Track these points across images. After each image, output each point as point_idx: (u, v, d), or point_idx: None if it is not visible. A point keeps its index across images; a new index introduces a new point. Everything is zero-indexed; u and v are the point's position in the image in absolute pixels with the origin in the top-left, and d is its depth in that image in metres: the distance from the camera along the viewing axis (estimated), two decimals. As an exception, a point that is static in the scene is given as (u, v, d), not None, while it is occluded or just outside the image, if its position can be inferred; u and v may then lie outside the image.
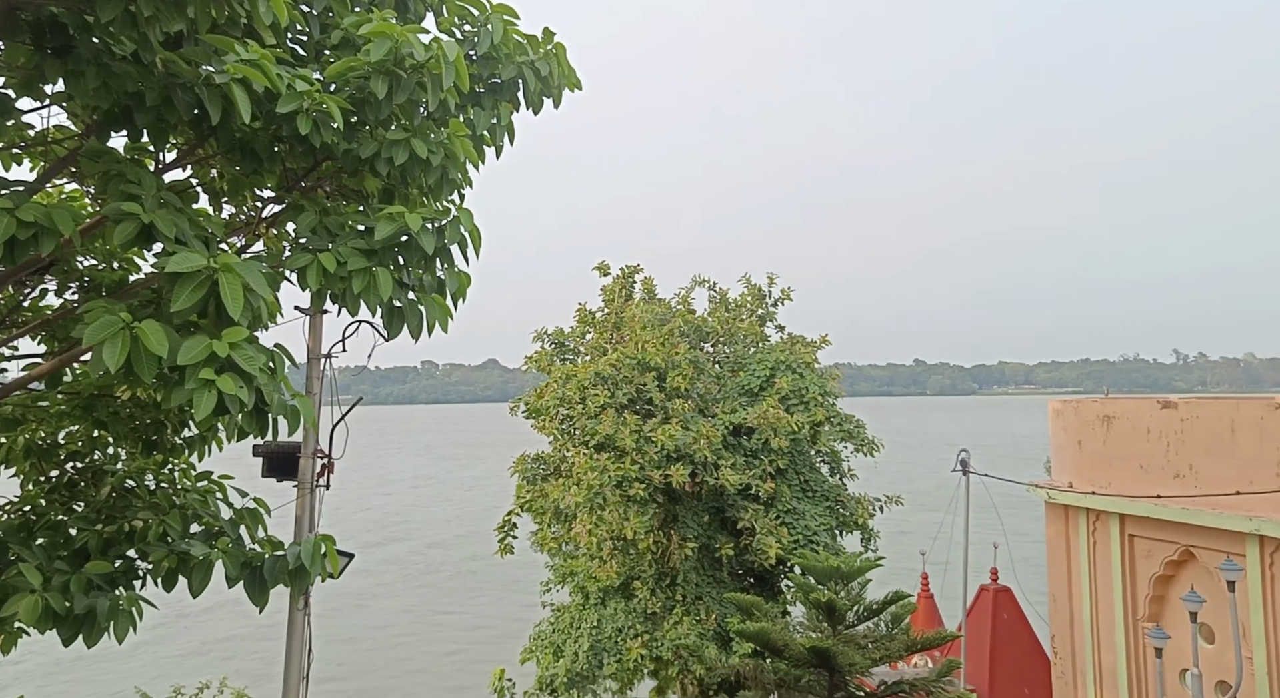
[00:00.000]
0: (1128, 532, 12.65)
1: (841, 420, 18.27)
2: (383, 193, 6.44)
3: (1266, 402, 11.03)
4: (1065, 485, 13.80)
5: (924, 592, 17.22)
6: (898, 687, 9.38)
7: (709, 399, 17.64)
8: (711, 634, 15.35)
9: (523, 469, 16.95)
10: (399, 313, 5.87)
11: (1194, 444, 11.64)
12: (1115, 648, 12.73)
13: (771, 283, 19.67)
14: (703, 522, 16.54)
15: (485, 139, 6.56)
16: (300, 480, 6.84)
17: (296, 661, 6.66)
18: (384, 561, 54.08)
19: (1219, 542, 11.09)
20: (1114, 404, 13.22)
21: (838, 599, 9.48)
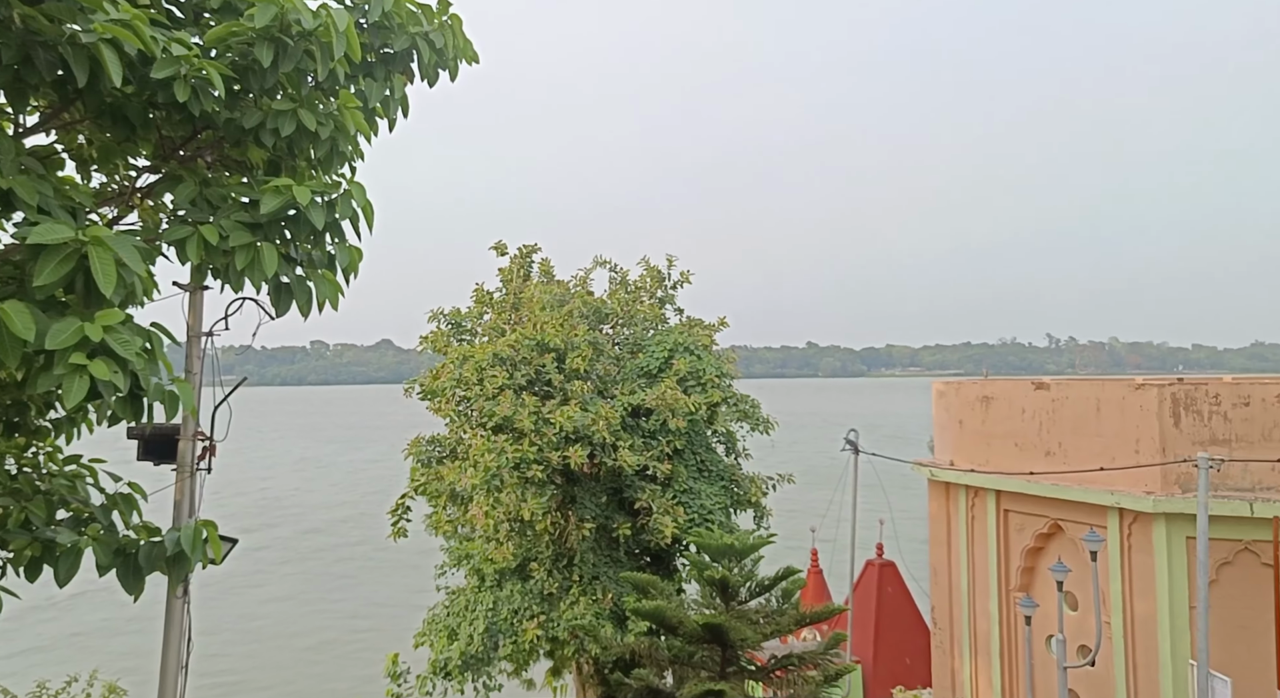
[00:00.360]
0: (1003, 507, 13.36)
1: (738, 401, 18.63)
2: (268, 164, 6.16)
3: (1127, 383, 11.79)
4: (947, 464, 14.45)
5: (813, 567, 17.80)
6: (787, 660, 9.69)
7: (608, 381, 17.69)
8: (608, 614, 15.48)
9: (417, 452, 16.64)
10: (286, 290, 5.65)
11: (1063, 423, 12.36)
12: (990, 617, 13.46)
13: (671, 266, 19.82)
14: (600, 502, 16.63)
15: (378, 111, 6.35)
16: (179, 464, 6.52)
17: (175, 650, 6.38)
18: (267, 546, 52.30)
19: (1084, 515, 11.84)
20: (992, 386, 13.90)
21: (731, 576, 9.70)
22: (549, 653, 16.51)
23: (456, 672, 15.63)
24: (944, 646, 14.53)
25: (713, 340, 19.02)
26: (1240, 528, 10.49)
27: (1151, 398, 11.17)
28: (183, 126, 5.75)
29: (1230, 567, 10.69)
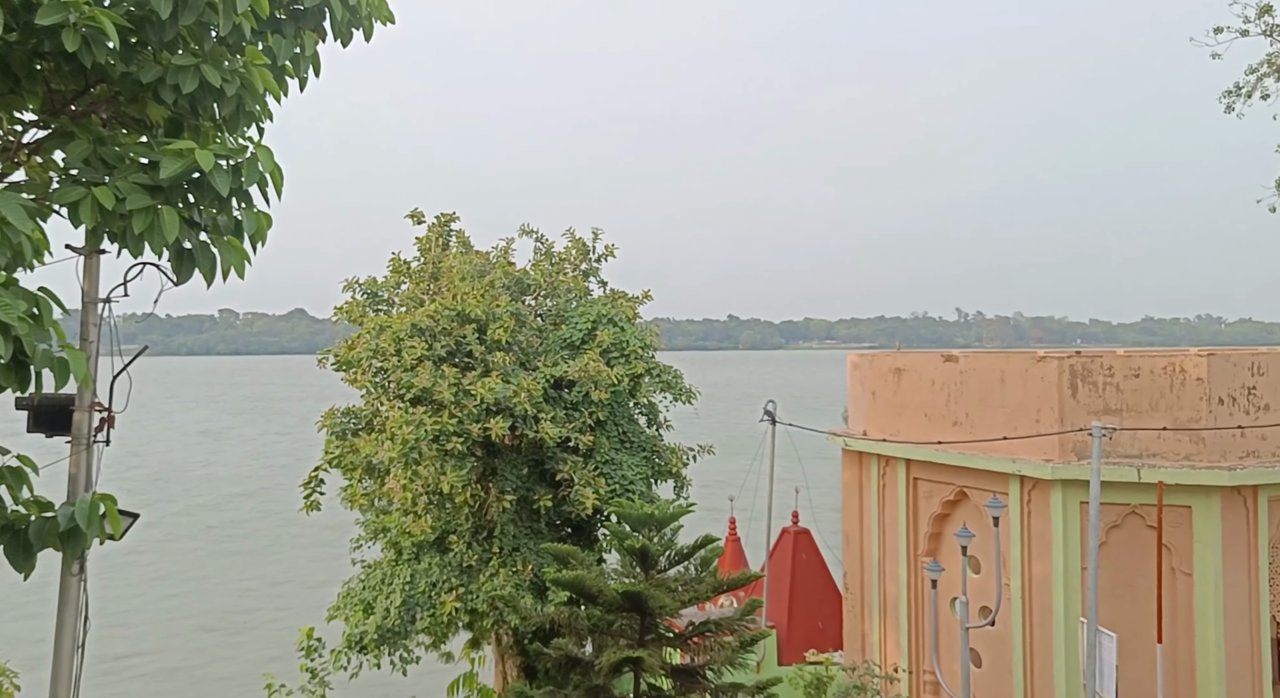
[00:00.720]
0: (913, 475, 13.84)
1: (660, 372, 18.75)
2: (169, 123, 5.86)
3: (1030, 356, 12.30)
4: (860, 434, 14.87)
5: (731, 536, 18.14)
6: (704, 626, 9.87)
7: (530, 352, 17.57)
8: (528, 585, 15.49)
9: (332, 424, 16.24)
10: (188, 256, 5.41)
11: (970, 394, 12.83)
12: (898, 581, 13.97)
13: (596, 238, 19.72)
14: (522, 474, 16.56)
15: (287, 69, 6.10)
16: (75, 436, 6.22)
17: (70, 630, 6.12)
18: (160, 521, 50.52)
19: (988, 482, 12.36)
20: (904, 358, 14.32)
21: (651, 546, 9.80)
22: (468, 625, 16.46)
23: (373, 645, 15.44)
24: (855, 609, 15.03)
25: (636, 313, 19.05)
26: (1128, 493, 11.10)
27: (1052, 370, 11.68)
28: (74, 80, 5.42)
29: (1119, 529, 11.33)
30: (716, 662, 9.75)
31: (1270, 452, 11.25)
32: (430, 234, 18.60)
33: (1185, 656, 10.99)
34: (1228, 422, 11.07)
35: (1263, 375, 11.30)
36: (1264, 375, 11.30)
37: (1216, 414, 11.05)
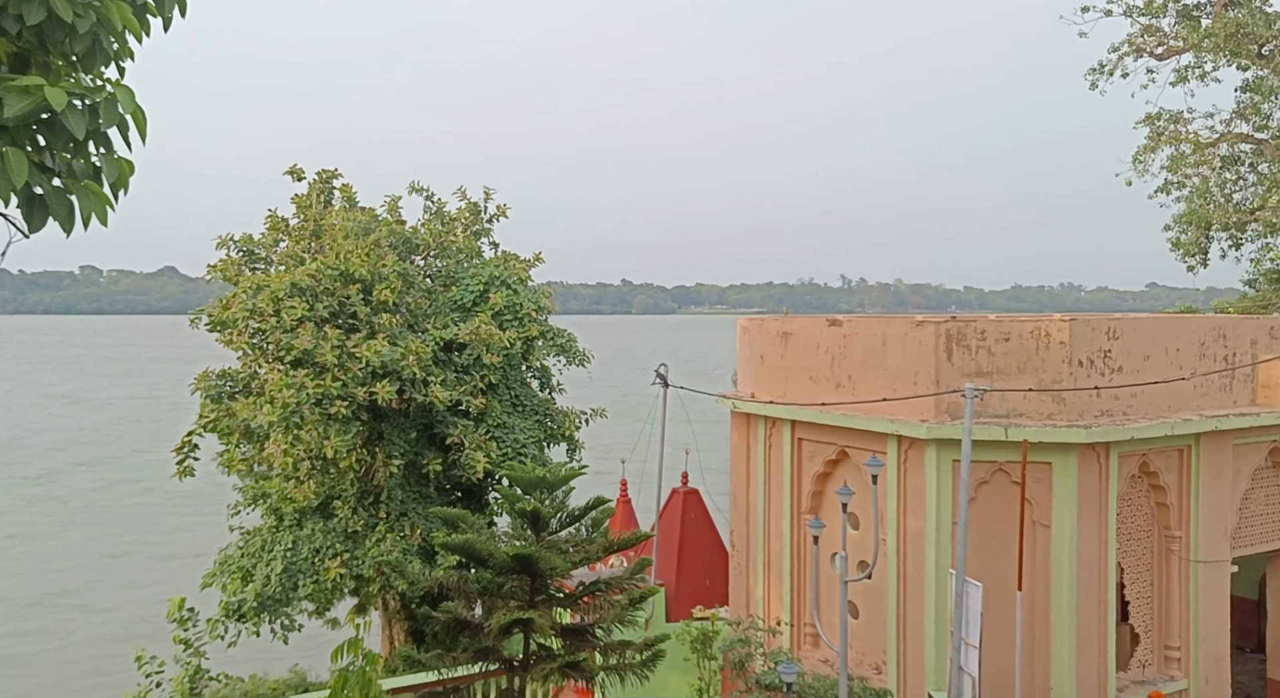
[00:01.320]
0: (798, 436, 14.25)
1: (554, 335, 18.64)
2: (13, 58, 5.35)
3: (909, 320, 12.78)
4: (748, 396, 15.19)
5: (623, 497, 18.33)
6: (594, 586, 9.97)
7: (419, 314, 17.15)
8: (416, 550, 15.30)
9: (206, 387, 15.49)
10: (41, 203, 4.98)
11: (853, 358, 13.26)
12: (782, 538, 14.44)
13: (488, 198, 19.31)
14: (410, 439, 16.25)
15: (150, 8, 5.65)
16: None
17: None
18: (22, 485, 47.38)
19: (868, 442, 12.85)
20: (791, 322, 14.66)
21: (542, 508, 9.79)
22: (354, 591, 16.15)
23: (251, 614, 14.98)
24: (740, 566, 15.48)
25: (529, 275, 18.83)
26: (996, 451, 11.74)
27: (929, 334, 12.17)
28: (-102, 5, 4.87)
29: (987, 485, 11.99)
30: (606, 620, 9.87)
31: (1121, 411, 12.09)
32: (311, 190, 17.81)
33: (1042, 601, 11.79)
34: (1086, 383, 11.82)
35: (1117, 339, 12.09)
36: (1118, 339, 12.10)
37: (1076, 376, 11.77)
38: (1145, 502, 12.93)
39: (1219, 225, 26.85)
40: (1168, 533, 12.90)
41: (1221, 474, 13.02)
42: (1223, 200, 26.98)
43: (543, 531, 9.95)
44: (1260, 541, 14.02)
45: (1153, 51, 27.96)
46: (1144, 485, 12.83)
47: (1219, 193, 27.08)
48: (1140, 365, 12.23)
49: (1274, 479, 14.05)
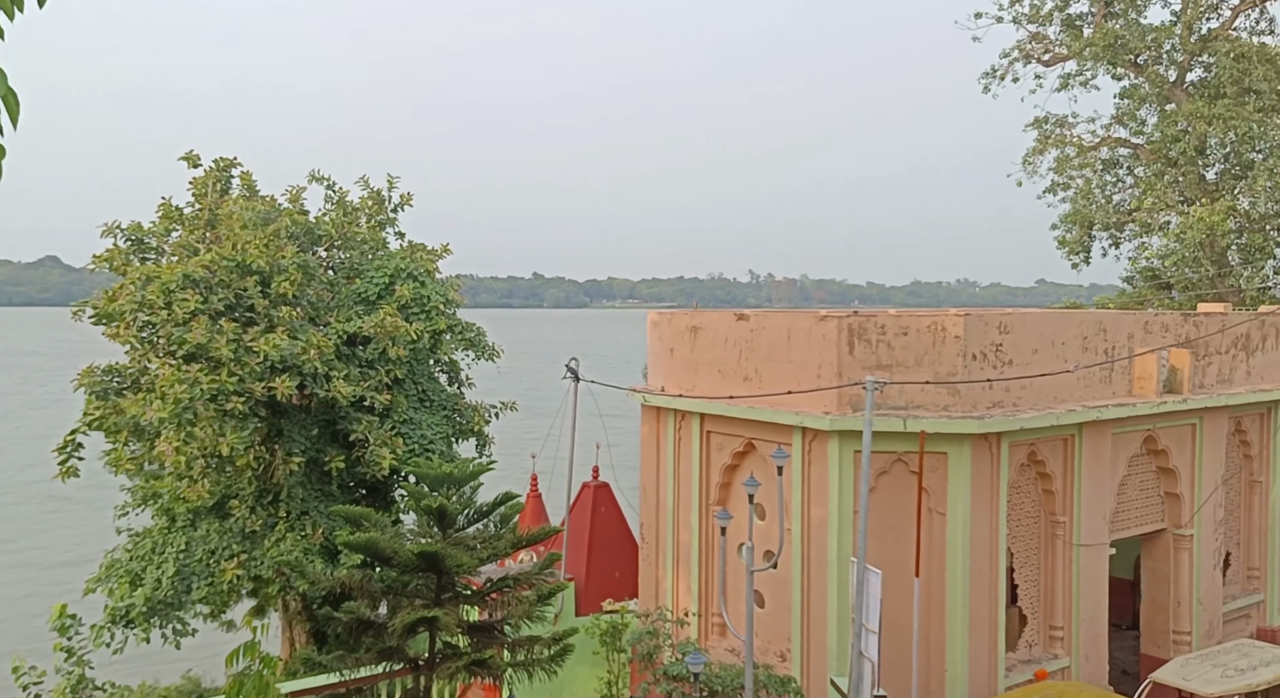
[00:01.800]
0: (706, 429, 14.43)
1: (463, 329, 18.37)
2: None
3: (813, 315, 13.07)
4: (659, 389, 15.29)
5: (533, 492, 18.23)
6: (502, 582, 9.88)
7: (321, 307, 16.64)
8: (318, 549, 14.87)
9: (91, 382, 14.68)
10: (-107, 186, 4.62)
11: (760, 351, 13.49)
12: (691, 530, 14.60)
13: (391, 187, 18.86)
14: (312, 435, 15.77)
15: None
16: None
17: None
18: None
19: (774, 434, 13.09)
20: (700, 316, 14.81)
21: (449, 504, 9.64)
22: (251, 592, 15.60)
23: (140, 619, 14.30)
24: (650, 558, 15.59)
25: (436, 267, 18.49)
26: (895, 441, 12.13)
27: (832, 328, 12.47)
28: None
29: (886, 475, 12.38)
30: (514, 616, 9.80)
31: (1012, 402, 12.64)
32: (207, 178, 17.07)
33: (938, 587, 12.25)
34: (979, 375, 12.32)
35: (1008, 333, 12.63)
36: (1009, 333, 12.64)
37: (970, 369, 12.25)
38: (1033, 489, 13.56)
39: (1100, 225, 28.36)
40: (1053, 518, 13.57)
41: (1101, 462, 13.77)
42: (1103, 201, 28.51)
43: (449, 527, 9.80)
44: (1135, 524, 14.89)
45: (1040, 58, 29.32)
46: (1032, 473, 13.45)
47: (1100, 194, 28.60)
48: (1029, 358, 12.81)
49: (1147, 466, 14.93)
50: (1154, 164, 27.36)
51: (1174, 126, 26.37)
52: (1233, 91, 25.29)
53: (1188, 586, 15.18)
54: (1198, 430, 15.13)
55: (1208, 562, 15.48)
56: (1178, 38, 27.04)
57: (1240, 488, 16.66)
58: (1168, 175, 26.73)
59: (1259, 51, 25.96)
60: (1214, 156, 26.71)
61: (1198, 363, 14.86)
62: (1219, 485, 15.56)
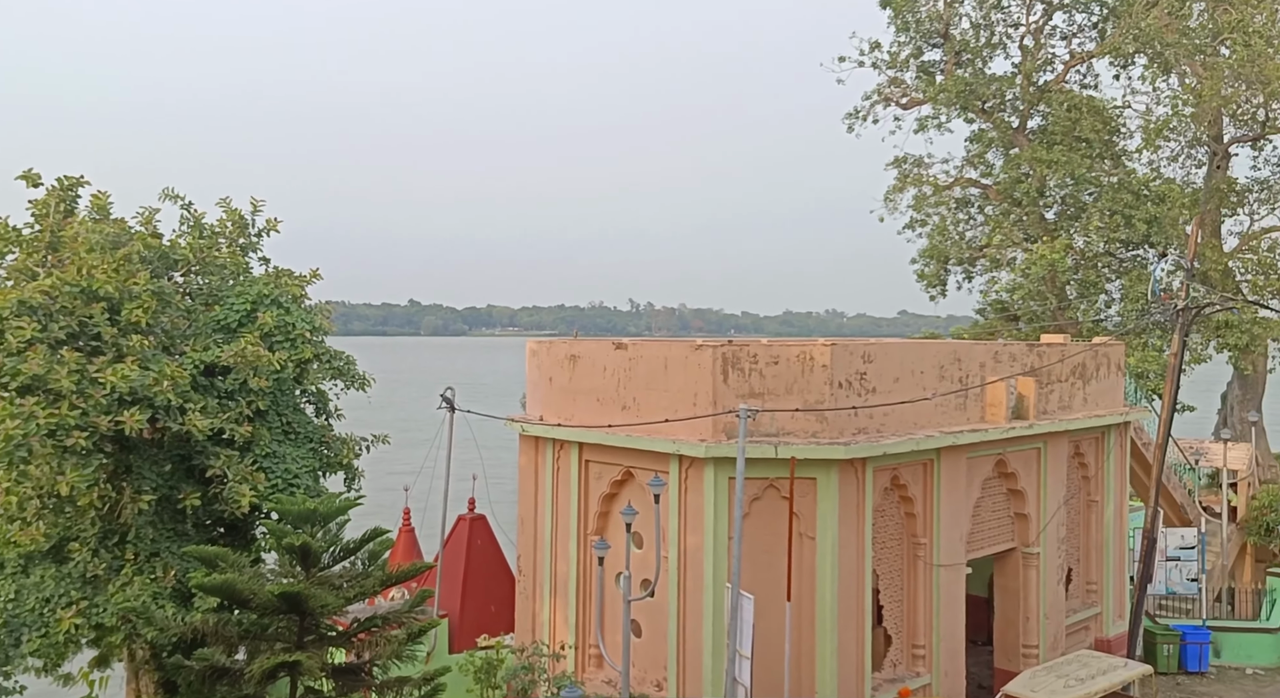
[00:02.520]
0: (585, 458, 14.40)
1: (331, 358, 17.72)
2: None
3: (689, 344, 13.31)
4: (537, 419, 15.18)
5: (405, 527, 17.70)
6: (370, 622, 9.53)
7: (176, 335, 15.73)
8: (169, 593, 13.90)
9: (-94, 417, 13.31)
10: None
11: (638, 380, 13.61)
12: (569, 560, 14.49)
13: (256, 210, 18.08)
14: (164, 471, 14.80)
15: None
16: None
17: None
18: None
19: (651, 462, 13.20)
20: (580, 345, 14.84)
21: (313, 542, 9.24)
22: (93, 642, 14.41)
23: (-41, 680, 12.98)
24: (527, 591, 15.36)
25: (304, 293, 17.81)
26: (767, 468, 12.45)
27: (707, 357, 12.73)
28: None
29: (759, 501, 12.67)
30: (383, 657, 9.45)
31: (876, 428, 13.20)
32: (49, 198, 15.92)
33: (808, 609, 12.58)
34: (845, 403, 12.81)
35: (871, 363, 13.21)
36: (872, 363, 13.23)
37: (836, 397, 12.74)
38: (896, 512, 14.16)
39: (954, 260, 30.18)
40: (915, 540, 14.20)
41: (958, 485, 14.53)
42: (957, 237, 30.38)
43: (314, 566, 9.39)
44: (989, 543, 15.76)
45: (898, 101, 31.12)
46: (895, 497, 14.05)
47: (954, 231, 30.48)
48: (891, 386, 13.43)
49: (999, 488, 15.85)
50: (1001, 204, 29.37)
51: (1017, 169, 28.43)
52: (1066, 139, 27.49)
53: (1035, 601, 16.14)
54: (1042, 454, 16.19)
55: (1052, 578, 16.51)
56: (1018, 87, 29.25)
57: (1080, 507, 17.89)
58: (1013, 215, 28.73)
59: (1087, 103, 28.38)
60: (1052, 198, 28.91)
61: (1041, 390, 15.93)
62: (1061, 505, 16.67)
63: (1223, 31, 27.01)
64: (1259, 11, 27.00)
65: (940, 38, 30.04)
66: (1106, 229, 26.96)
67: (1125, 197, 26.55)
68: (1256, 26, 26.56)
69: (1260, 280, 27.91)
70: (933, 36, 30.18)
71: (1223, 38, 27.14)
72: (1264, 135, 28.27)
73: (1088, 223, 27.12)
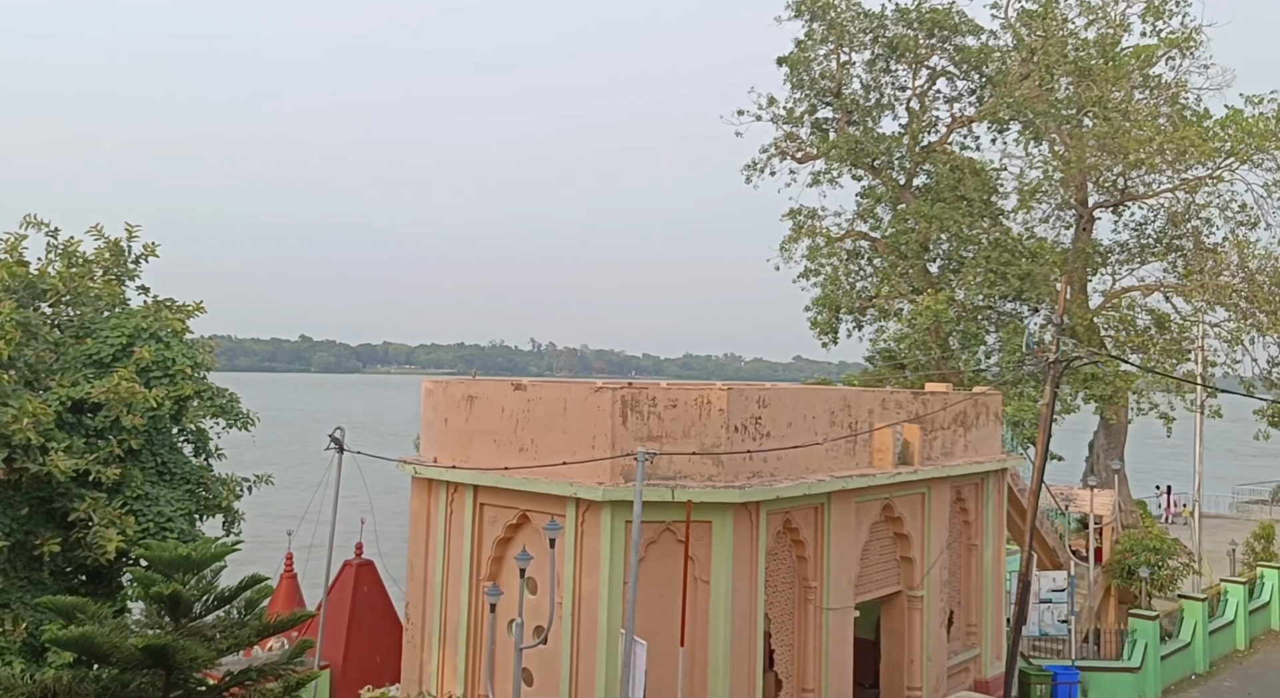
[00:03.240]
0: (480, 501, 14.11)
1: (213, 395, 16.95)
2: None
3: (589, 386, 13.30)
4: (431, 460, 14.82)
5: (287, 573, 16.91)
6: (244, 675, 9.01)
7: (42, 369, 14.78)
8: (19, 648, 12.84)
9: None
10: None
11: (536, 421, 13.48)
12: (460, 607, 14.09)
13: (131, 236, 17.26)
14: (20, 515, 13.78)
15: None
16: None
17: None
18: None
19: (548, 505, 13.03)
20: (477, 385, 14.62)
21: (184, 591, 8.70)
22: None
23: None
24: (415, 640, 14.84)
25: (186, 326, 17.04)
26: (664, 511, 12.47)
27: (606, 400, 12.74)
28: None
29: (655, 545, 12.66)
30: (258, 713, 8.94)
31: (770, 472, 13.43)
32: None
33: (701, 653, 12.57)
34: (740, 446, 13.00)
35: (766, 407, 13.48)
36: (767, 407, 13.50)
37: (732, 440, 12.92)
38: (788, 556, 14.37)
39: (845, 309, 31.34)
40: (806, 583, 14.42)
41: (847, 528, 14.88)
42: (848, 287, 31.60)
43: (184, 616, 8.84)
44: (876, 586, 16.15)
45: (794, 155, 32.37)
46: (788, 541, 14.27)
47: (845, 281, 31.69)
48: (784, 431, 13.71)
49: (886, 532, 16.31)
50: (889, 256, 30.74)
51: (904, 224, 29.87)
52: (949, 197, 29.11)
53: (919, 644, 16.57)
54: (926, 499, 16.78)
55: (935, 621, 17.01)
56: (905, 147, 30.87)
57: (961, 551, 18.57)
58: (900, 267, 30.10)
59: (968, 164, 30.17)
60: (936, 252, 30.47)
61: (926, 437, 16.56)
62: (944, 549, 17.27)
63: (1085, 105, 29.25)
64: (1117, 88, 29.39)
65: (833, 96, 31.47)
66: (985, 284, 28.51)
67: (1002, 253, 28.18)
68: (1115, 102, 28.88)
69: (1121, 336, 29.97)
70: (826, 95, 31.62)
71: (1085, 110, 29.38)
72: (1123, 202, 30.61)
73: (968, 277, 28.63)
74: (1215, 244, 30.04)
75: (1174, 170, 28.47)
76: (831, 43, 30.87)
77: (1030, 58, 29.98)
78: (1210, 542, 29.09)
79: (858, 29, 30.57)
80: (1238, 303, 28.13)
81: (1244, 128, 27.78)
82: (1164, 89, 30.89)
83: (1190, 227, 30.21)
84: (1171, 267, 30.60)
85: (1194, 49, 30.37)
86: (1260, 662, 22.91)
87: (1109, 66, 29.77)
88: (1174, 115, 30.14)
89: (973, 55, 30.17)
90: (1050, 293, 27.64)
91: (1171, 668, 20.68)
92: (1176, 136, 27.54)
